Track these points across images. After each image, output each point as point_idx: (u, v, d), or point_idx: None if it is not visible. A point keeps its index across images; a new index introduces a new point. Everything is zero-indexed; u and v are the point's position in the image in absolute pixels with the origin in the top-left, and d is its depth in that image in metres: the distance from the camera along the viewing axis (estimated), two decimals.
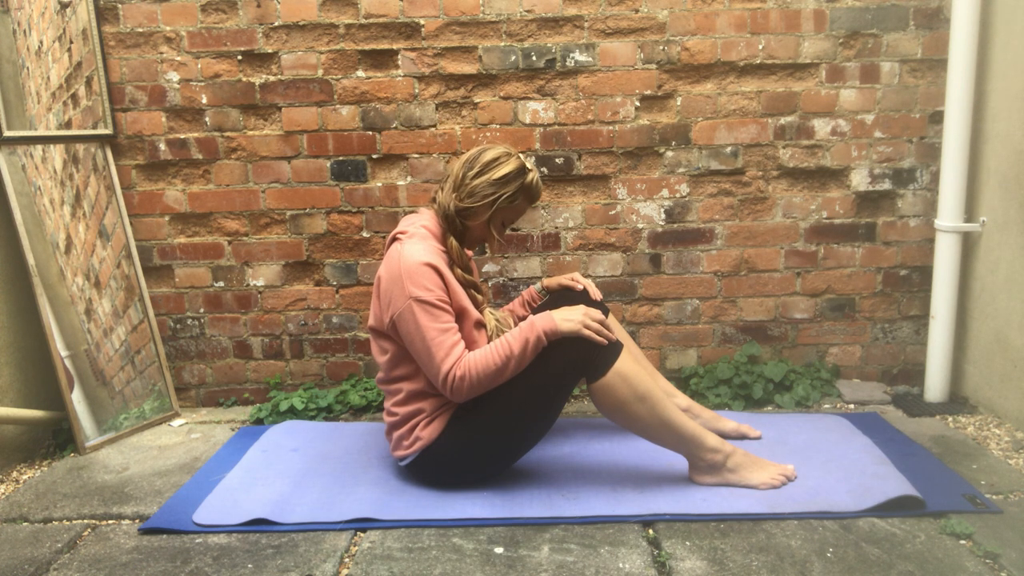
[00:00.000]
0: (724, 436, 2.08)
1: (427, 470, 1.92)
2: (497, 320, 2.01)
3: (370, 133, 2.52)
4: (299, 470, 2.06)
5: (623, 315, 2.62)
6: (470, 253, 2.11)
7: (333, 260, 2.60)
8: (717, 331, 2.64)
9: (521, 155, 1.94)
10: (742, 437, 2.17)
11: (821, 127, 2.51)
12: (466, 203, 1.89)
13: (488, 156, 1.90)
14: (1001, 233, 2.29)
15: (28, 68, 2.40)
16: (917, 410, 2.40)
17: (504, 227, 1.99)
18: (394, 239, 1.91)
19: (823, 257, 2.58)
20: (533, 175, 1.92)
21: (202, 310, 2.63)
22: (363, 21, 2.46)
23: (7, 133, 2.25)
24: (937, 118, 2.49)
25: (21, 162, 2.31)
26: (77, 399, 2.32)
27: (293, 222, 2.58)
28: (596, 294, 2.11)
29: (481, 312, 1.95)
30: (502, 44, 2.47)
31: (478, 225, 1.92)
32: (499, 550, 1.66)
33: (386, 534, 1.75)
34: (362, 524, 1.79)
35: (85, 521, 1.88)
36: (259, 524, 1.80)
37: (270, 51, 2.48)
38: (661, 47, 2.47)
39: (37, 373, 2.37)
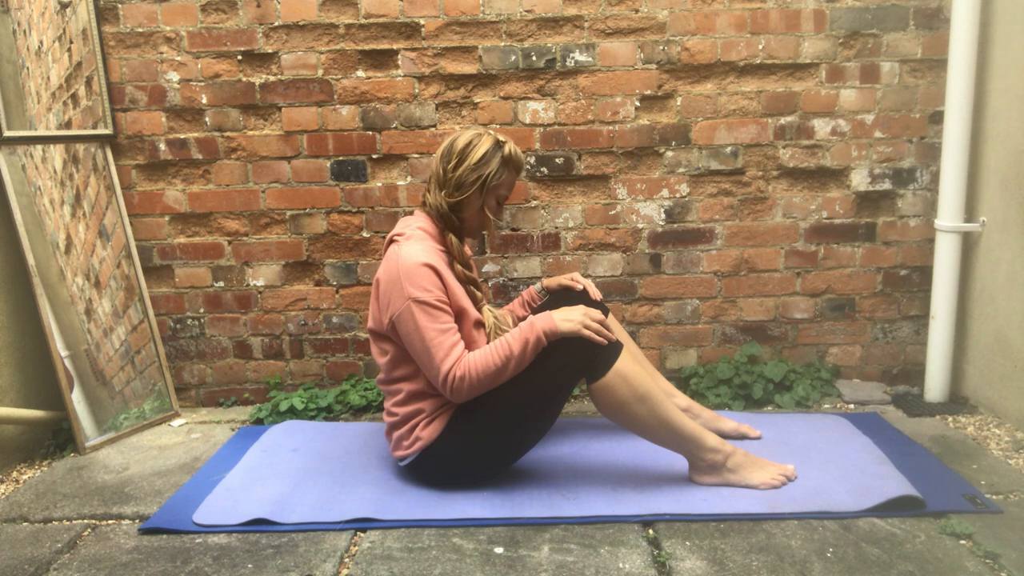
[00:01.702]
0: (724, 436, 2.08)
1: (427, 470, 1.92)
2: (496, 317, 2.00)
3: (370, 133, 2.52)
4: (299, 470, 2.06)
5: (623, 315, 2.62)
6: (469, 252, 2.11)
7: (333, 260, 2.60)
8: (717, 331, 2.64)
9: (491, 131, 1.93)
10: (742, 437, 2.17)
11: (821, 127, 2.51)
12: (456, 197, 1.89)
13: (461, 143, 1.90)
14: (1001, 233, 2.29)
15: (28, 68, 2.40)
16: (917, 410, 2.40)
17: (499, 206, 1.97)
18: (391, 241, 1.91)
19: (823, 257, 2.58)
20: (509, 145, 1.91)
21: (202, 310, 2.63)
22: (363, 21, 2.46)
23: (7, 133, 2.25)
24: (937, 118, 2.49)
25: (21, 162, 2.31)
26: (77, 399, 2.32)
27: (293, 222, 2.58)
28: (596, 294, 2.11)
29: (480, 310, 1.95)
30: (502, 44, 2.47)
31: (473, 214, 1.93)
32: (499, 550, 1.66)
33: (386, 534, 1.75)
34: (362, 524, 1.79)
35: (85, 521, 1.88)
36: (259, 524, 1.80)
37: (270, 51, 2.48)
38: (661, 47, 2.47)
39: (37, 373, 2.37)
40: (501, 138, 1.92)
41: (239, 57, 2.48)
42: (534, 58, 2.47)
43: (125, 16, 2.46)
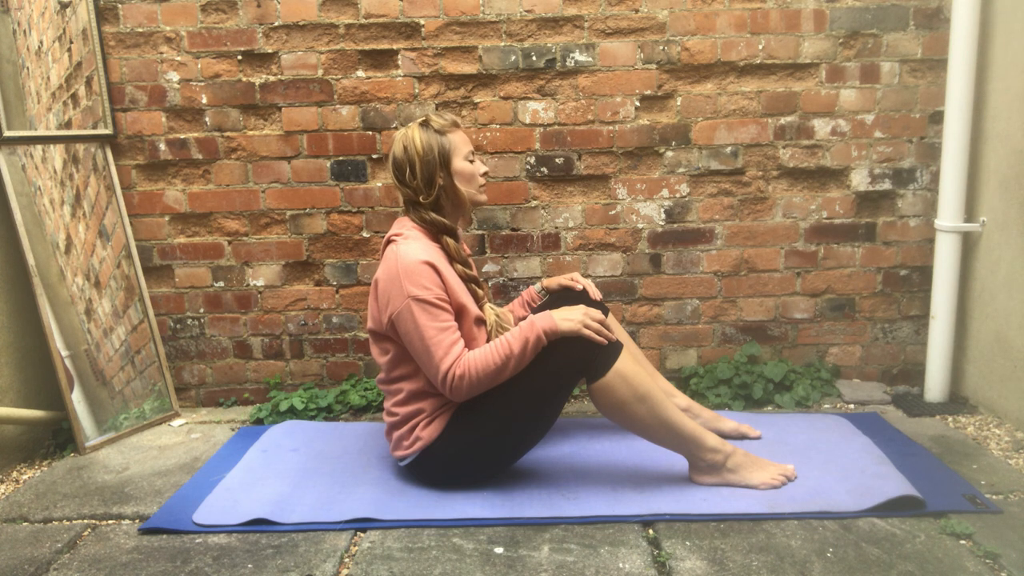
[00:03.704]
0: (724, 436, 2.08)
1: (427, 470, 1.92)
2: (497, 315, 2.00)
3: (370, 133, 2.52)
4: (299, 470, 2.06)
5: (623, 315, 2.62)
6: (468, 251, 2.12)
7: (333, 260, 2.60)
8: (717, 331, 2.64)
9: (409, 123, 1.93)
10: (742, 437, 2.17)
11: (821, 127, 2.51)
12: (433, 193, 1.89)
13: (399, 152, 1.91)
14: (1001, 233, 2.29)
15: (28, 68, 2.40)
16: (917, 410, 2.40)
17: (471, 163, 1.94)
18: (389, 241, 1.91)
19: (823, 257, 2.58)
20: (431, 119, 1.92)
21: (202, 310, 2.63)
22: (363, 21, 2.46)
23: (7, 133, 2.25)
24: (937, 118, 2.49)
25: (21, 162, 2.31)
26: (77, 399, 2.32)
27: (293, 222, 2.58)
28: (596, 294, 2.11)
29: (482, 308, 1.95)
30: (502, 44, 2.47)
31: (455, 195, 1.92)
32: (499, 550, 1.66)
33: (386, 534, 1.75)
34: (362, 524, 1.79)
35: (85, 521, 1.88)
36: (259, 524, 1.80)
37: (270, 51, 2.48)
38: (661, 47, 2.47)
39: (37, 373, 2.37)
40: (421, 119, 1.93)
41: (239, 57, 2.48)
42: (534, 58, 2.47)
43: (125, 16, 2.46)
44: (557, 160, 2.53)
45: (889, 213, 2.56)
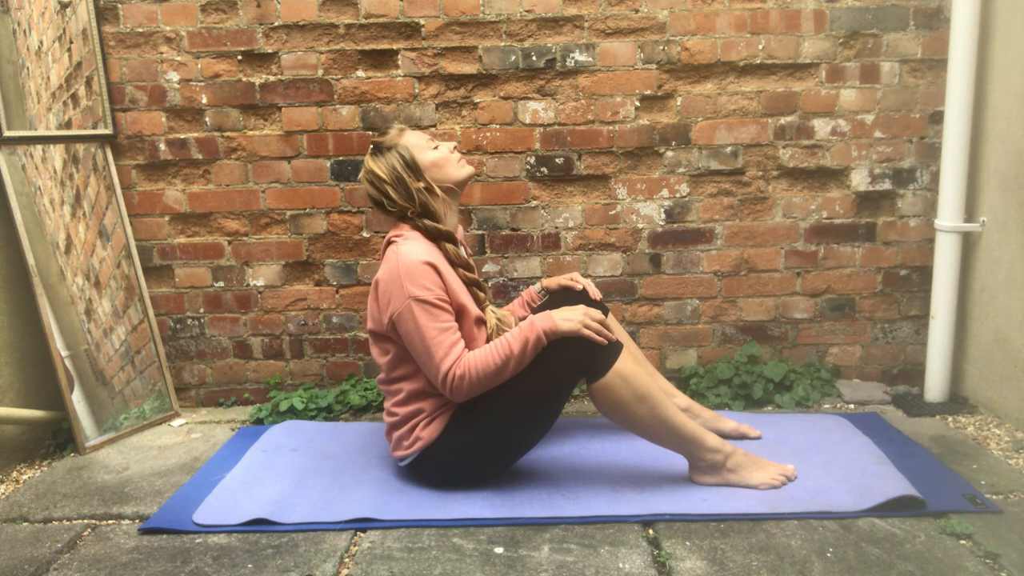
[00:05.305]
0: (724, 436, 2.08)
1: (427, 470, 1.92)
2: (499, 319, 2.00)
3: (370, 133, 2.52)
4: (299, 470, 2.06)
5: (623, 315, 2.62)
6: (469, 251, 2.12)
7: (333, 260, 2.60)
8: (717, 331, 2.64)
9: (364, 158, 1.96)
10: (742, 437, 2.17)
11: (821, 127, 2.51)
12: (417, 203, 1.89)
13: (371, 191, 1.92)
14: (1001, 233, 2.29)
15: (28, 68, 2.40)
16: (917, 410, 2.40)
17: (435, 149, 1.94)
18: (390, 242, 1.91)
19: (823, 257, 2.58)
20: (379, 141, 1.93)
21: (202, 310, 2.63)
22: (363, 21, 2.46)
23: (7, 133, 2.25)
24: (937, 118, 2.49)
25: (21, 162, 2.31)
26: (77, 399, 2.32)
27: (293, 222, 2.58)
28: (595, 294, 2.11)
29: (483, 310, 1.95)
30: (502, 44, 2.47)
31: (435, 193, 1.91)
32: (499, 550, 1.66)
33: (386, 534, 1.75)
34: (362, 524, 1.79)
35: (85, 521, 1.88)
36: (259, 524, 1.80)
37: (270, 51, 2.48)
38: (661, 47, 2.47)
39: (37, 373, 2.37)
40: (369, 150, 1.94)
41: (239, 57, 2.48)
42: (534, 58, 2.47)
43: (125, 16, 2.46)
44: (557, 160, 2.53)
45: (889, 213, 2.56)
